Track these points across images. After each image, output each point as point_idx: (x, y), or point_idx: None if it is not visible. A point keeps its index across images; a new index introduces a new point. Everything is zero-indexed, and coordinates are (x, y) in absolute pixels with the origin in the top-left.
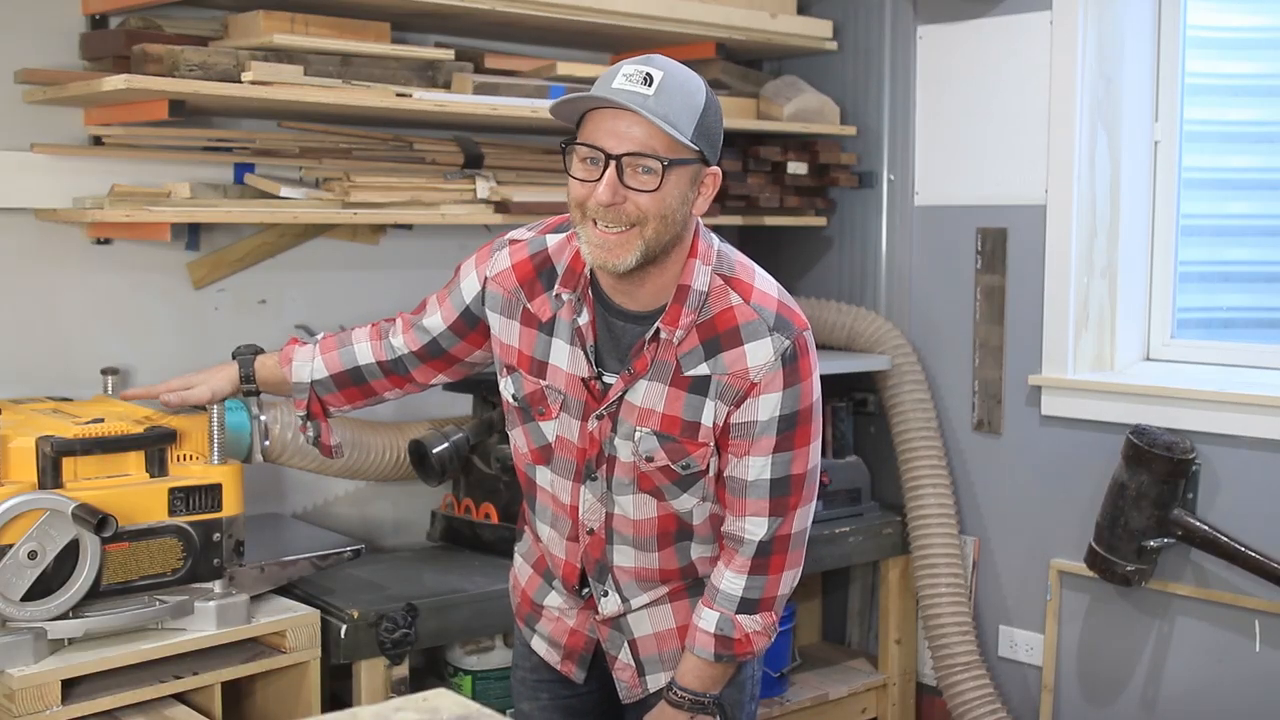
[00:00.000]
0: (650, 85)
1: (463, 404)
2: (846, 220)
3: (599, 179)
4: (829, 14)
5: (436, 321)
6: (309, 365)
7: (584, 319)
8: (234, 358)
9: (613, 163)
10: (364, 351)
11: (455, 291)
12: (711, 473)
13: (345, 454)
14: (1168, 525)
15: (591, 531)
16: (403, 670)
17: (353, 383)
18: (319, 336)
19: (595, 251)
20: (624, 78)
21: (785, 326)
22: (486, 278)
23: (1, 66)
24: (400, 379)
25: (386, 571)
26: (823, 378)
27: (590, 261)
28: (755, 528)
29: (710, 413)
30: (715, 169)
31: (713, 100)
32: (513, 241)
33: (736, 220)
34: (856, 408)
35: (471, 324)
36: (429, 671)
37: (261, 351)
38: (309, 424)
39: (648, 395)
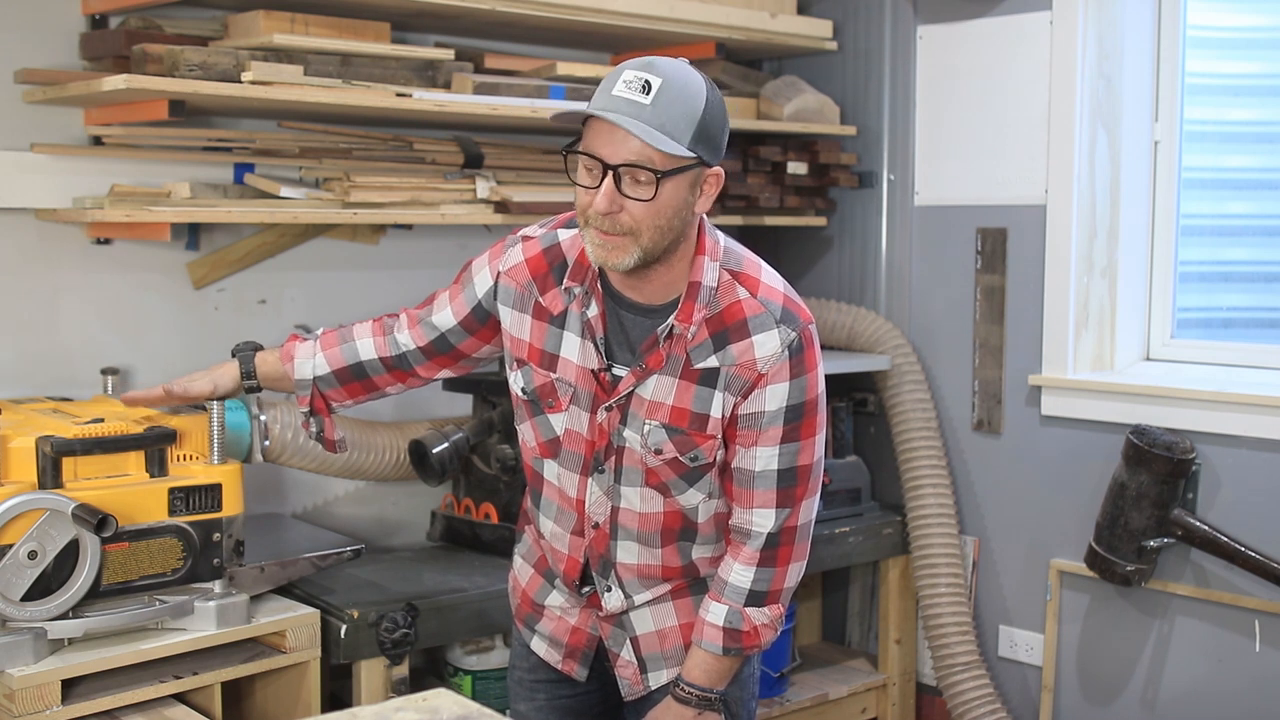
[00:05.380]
0: (648, 94)
1: (463, 404)
2: (846, 220)
3: (598, 187)
4: (829, 14)
5: (446, 317)
6: (310, 362)
7: (593, 311)
8: (233, 355)
9: (610, 172)
10: (366, 347)
11: (468, 287)
12: (718, 466)
13: (348, 449)
14: (1168, 525)
15: (597, 526)
16: (403, 670)
17: (355, 378)
18: (319, 332)
19: (596, 251)
20: (624, 84)
21: (791, 319)
22: (500, 272)
23: (1, 66)
24: (404, 374)
25: (386, 571)
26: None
27: (593, 260)
28: (763, 520)
29: (719, 404)
30: (717, 170)
31: (714, 101)
32: (525, 238)
33: (736, 220)
34: (856, 408)
35: (482, 319)
36: (429, 671)
37: (261, 348)
38: (311, 420)
39: (657, 389)
